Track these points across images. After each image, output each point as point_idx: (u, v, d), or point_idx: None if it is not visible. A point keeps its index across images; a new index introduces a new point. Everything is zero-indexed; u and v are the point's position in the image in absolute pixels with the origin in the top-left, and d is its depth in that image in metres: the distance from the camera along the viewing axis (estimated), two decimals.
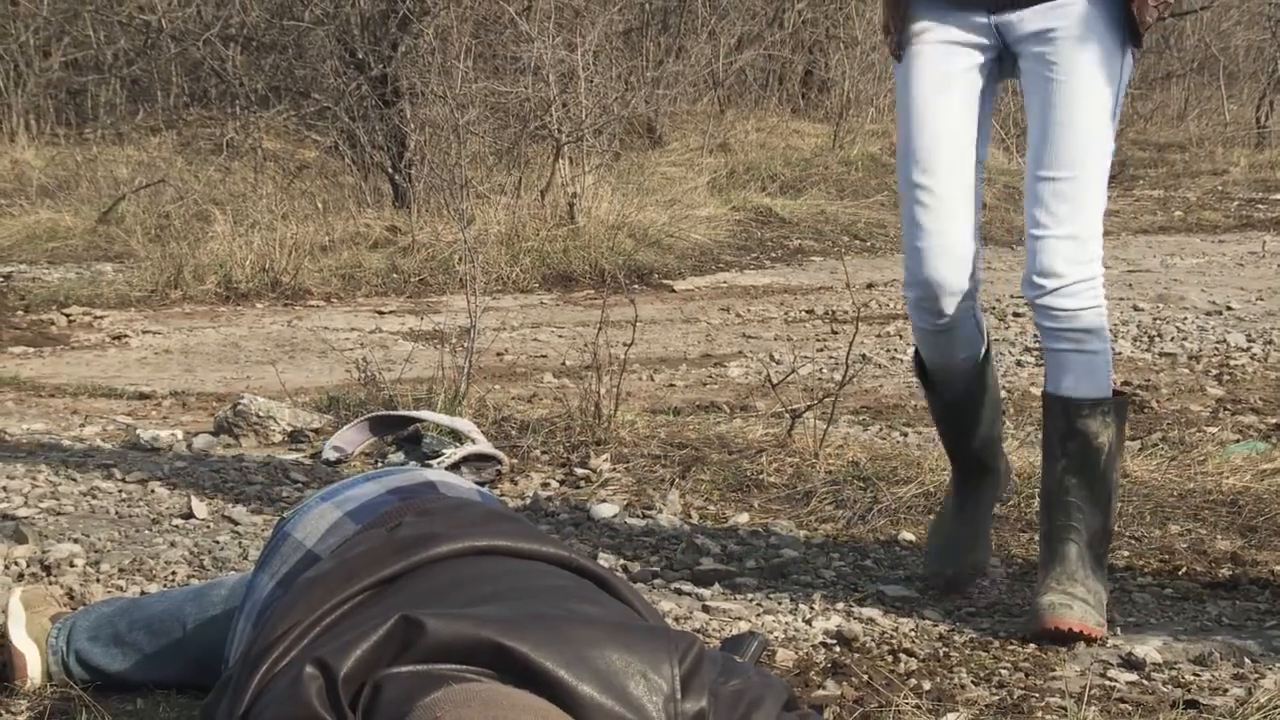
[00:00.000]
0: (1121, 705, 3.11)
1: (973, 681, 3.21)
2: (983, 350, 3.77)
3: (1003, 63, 3.63)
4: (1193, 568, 4.08)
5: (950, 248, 3.54)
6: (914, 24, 3.59)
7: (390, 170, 11.51)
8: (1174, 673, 3.32)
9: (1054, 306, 3.49)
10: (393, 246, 10.17)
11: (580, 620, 2.25)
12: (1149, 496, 4.66)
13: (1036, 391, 6.22)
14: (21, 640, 3.13)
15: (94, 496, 4.70)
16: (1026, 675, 3.29)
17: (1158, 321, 7.83)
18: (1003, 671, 3.31)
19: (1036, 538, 4.27)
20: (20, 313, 8.58)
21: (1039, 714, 3.06)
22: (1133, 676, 3.29)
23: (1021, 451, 4.97)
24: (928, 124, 3.56)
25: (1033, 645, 3.48)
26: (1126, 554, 4.19)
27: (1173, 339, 7.41)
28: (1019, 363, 6.98)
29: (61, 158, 13.20)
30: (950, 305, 3.59)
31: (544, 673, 2.10)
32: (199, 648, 3.02)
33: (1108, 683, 3.25)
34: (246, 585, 2.82)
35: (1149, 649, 3.42)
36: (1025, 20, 3.51)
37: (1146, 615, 3.74)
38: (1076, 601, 3.44)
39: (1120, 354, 7.06)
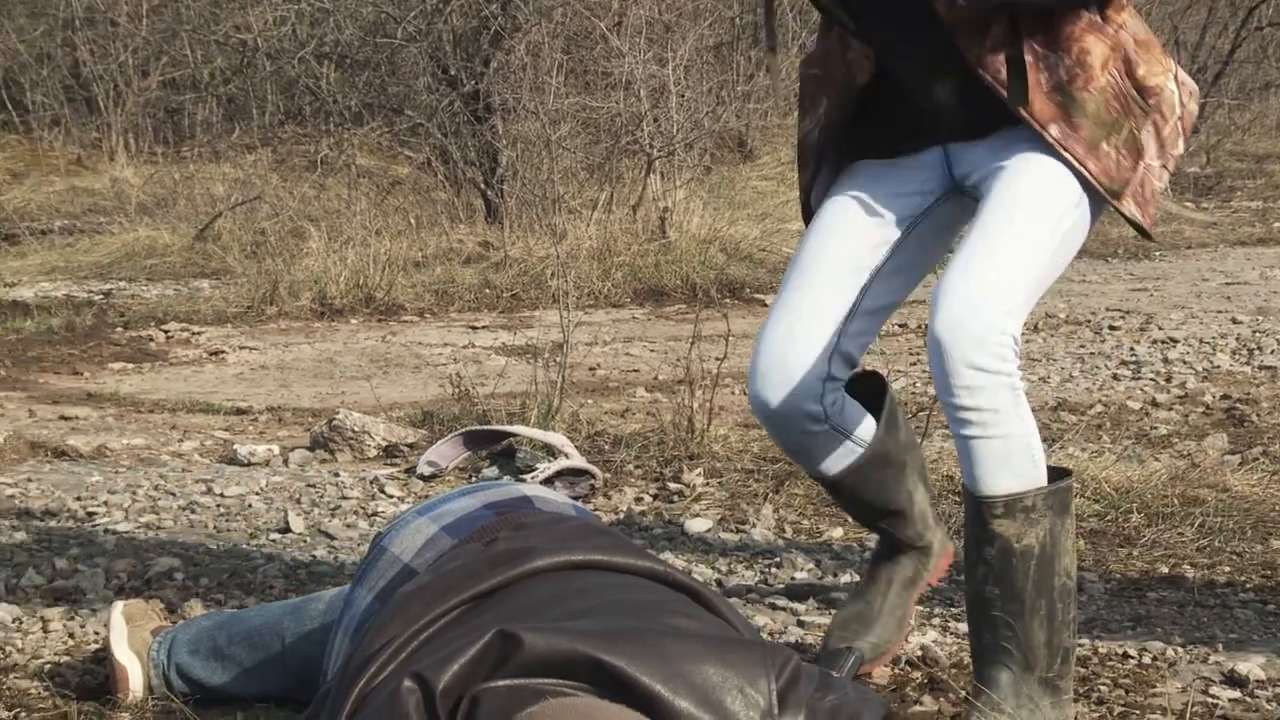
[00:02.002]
0: None
1: (1071, 698, 3.18)
2: (856, 457, 3.17)
3: (948, 203, 3.10)
4: None
5: (789, 375, 3.03)
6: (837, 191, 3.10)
7: (482, 186, 11.57)
8: (1278, 690, 3.27)
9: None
10: (485, 262, 10.22)
11: (676, 635, 2.25)
12: (1250, 511, 4.59)
13: (1135, 405, 6.16)
14: (124, 654, 3.16)
15: (192, 511, 4.75)
16: (1127, 691, 3.25)
17: (1257, 334, 7.73)
18: (1102, 687, 3.27)
19: (1134, 553, 4.24)
20: (120, 329, 8.69)
21: None
22: (1235, 694, 3.24)
23: (1119, 466, 4.92)
24: (819, 234, 3.07)
25: (1133, 660, 3.44)
26: (1228, 569, 4.13)
27: (1273, 352, 7.30)
28: (1115, 376, 6.91)
29: (159, 175, 13.37)
30: (789, 432, 3.10)
31: (641, 687, 2.10)
32: (297, 661, 3.05)
33: (1210, 700, 3.20)
34: (344, 599, 2.84)
35: (1252, 666, 3.36)
36: (979, 152, 2.97)
37: (1249, 632, 3.68)
38: None
39: (1219, 367, 6.98)
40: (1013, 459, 2.81)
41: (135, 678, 3.15)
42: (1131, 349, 7.51)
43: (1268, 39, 17.78)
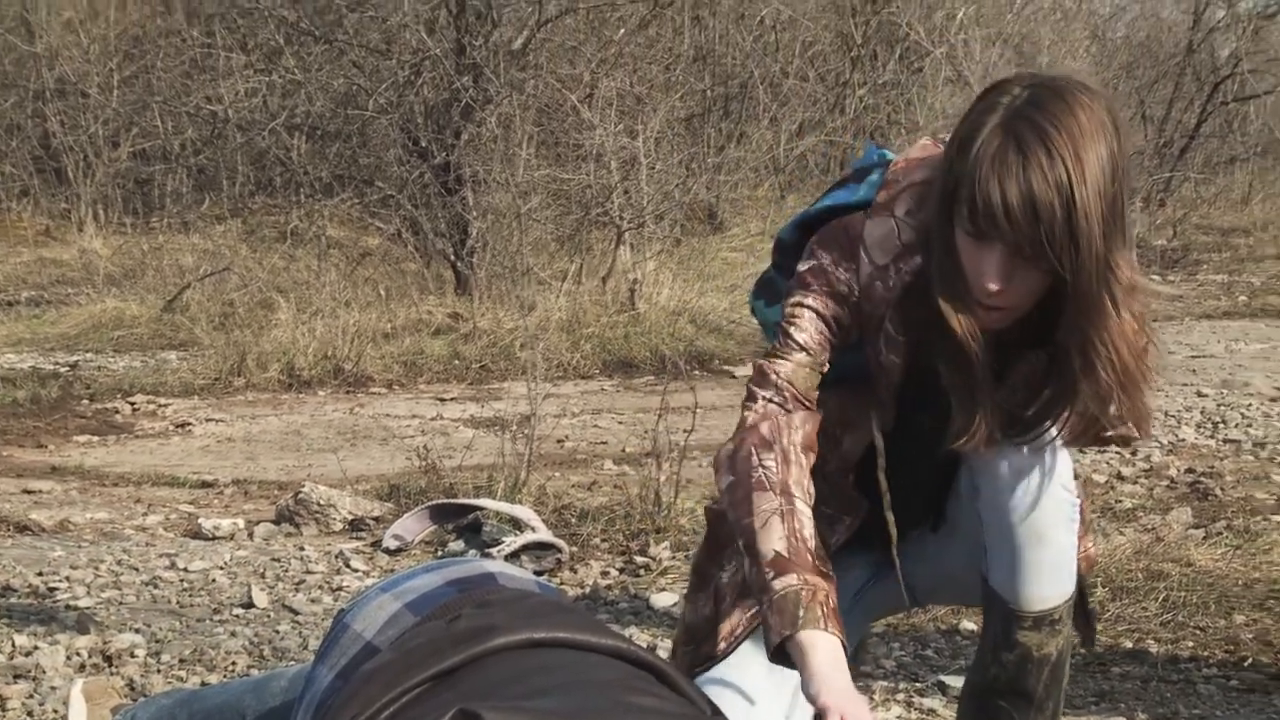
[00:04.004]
0: None
1: None
2: None
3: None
4: (1259, 659, 4.03)
5: None
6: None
7: (452, 257, 11.59)
8: None
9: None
10: (454, 333, 10.22)
11: (636, 711, 2.24)
12: (1213, 586, 4.60)
13: (1100, 479, 6.18)
14: None
15: (155, 586, 4.73)
16: None
17: (1221, 408, 7.76)
18: None
19: (1099, 627, 4.24)
20: (85, 401, 8.65)
21: None
22: None
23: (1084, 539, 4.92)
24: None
25: None
26: (1191, 644, 4.14)
27: (1237, 425, 7.34)
28: (1080, 449, 6.93)
29: (128, 246, 13.36)
30: None
31: None
32: None
33: None
34: (305, 677, 2.82)
35: None
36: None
37: (1212, 707, 3.69)
38: None
39: (1184, 440, 7.01)
40: (1059, 573, 2.77)
41: None
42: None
43: (1233, 114, 17.94)
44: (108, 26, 15.72)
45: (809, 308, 2.66)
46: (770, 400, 2.65)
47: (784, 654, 2.46)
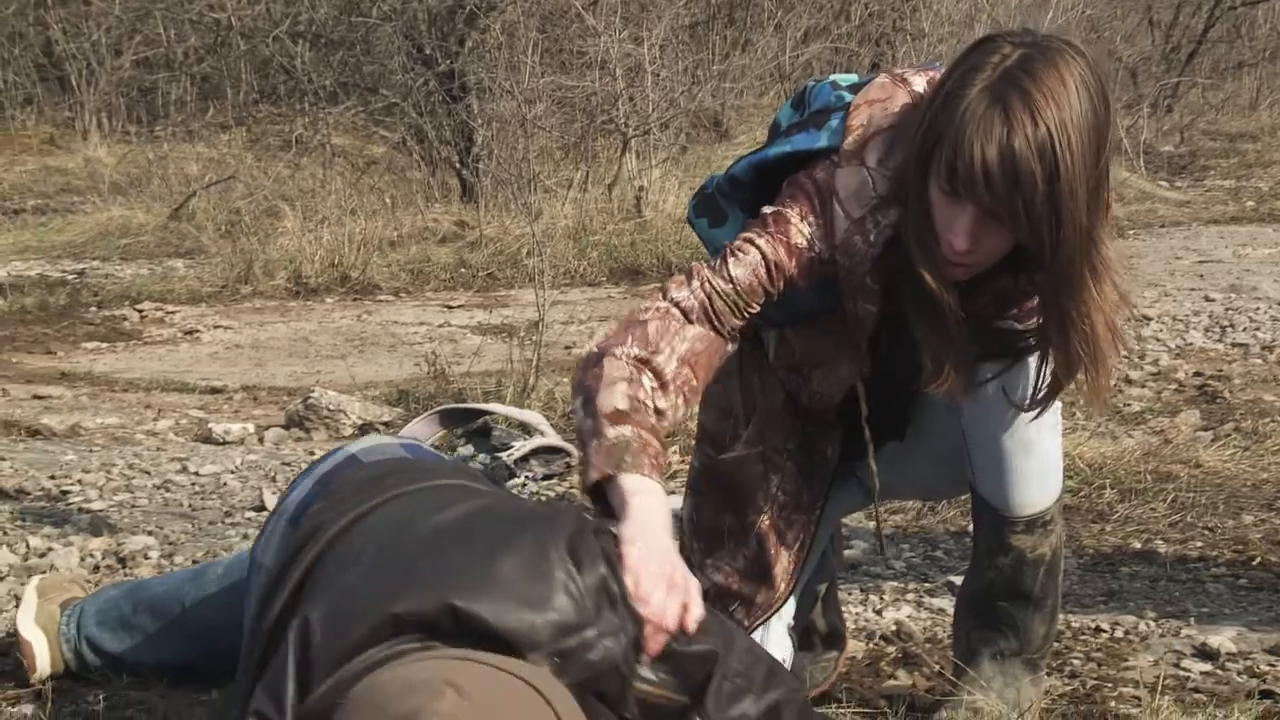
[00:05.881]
0: (1196, 695, 3.09)
1: (1045, 673, 3.19)
2: None
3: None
4: (1267, 557, 4.05)
5: None
6: None
7: (458, 165, 11.54)
8: (1249, 663, 3.29)
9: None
10: (461, 241, 10.20)
11: (432, 533, 2.24)
12: (1222, 487, 4.62)
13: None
14: (29, 629, 3.08)
15: (167, 489, 4.75)
16: (1099, 665, 3.27)
17: (1229, 312, 7.75)
18: (1075, 661, 3.30)
19: (1107, 528, 4.27)
20: (94, 309, 8.66)
21: (1112, 704, 3.04)
22: (1207, 666, 3.27)
23: (1092, 442, 4.94)
24: None
25: (1106, 634, 3.46)
26: (1200, 544, 4.16)
27: (1245, 329, 7.33)
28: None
29: (133, 155, 13.30)
30: None
31: (429, 616, 2.10)
32: (197, 624, 3.01)
33: (1181, 673, 3.23)
34: (242, 563, 2.85)
35: (1223, 639, 3.39)
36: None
37: (1220, 605, 3.71)
38: None
39: (1192, 344, 7.00)
40: (1047, 476, 2.81)
41: (40, 654, 3.06)
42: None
43: (1241, 18, 17.78)
44: None
45: (758, 249, 2.60)
46: (675, 305, 2.59)
47: (601, 497, 2.40)
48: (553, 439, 5.15)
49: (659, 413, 2.47)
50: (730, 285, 2.59)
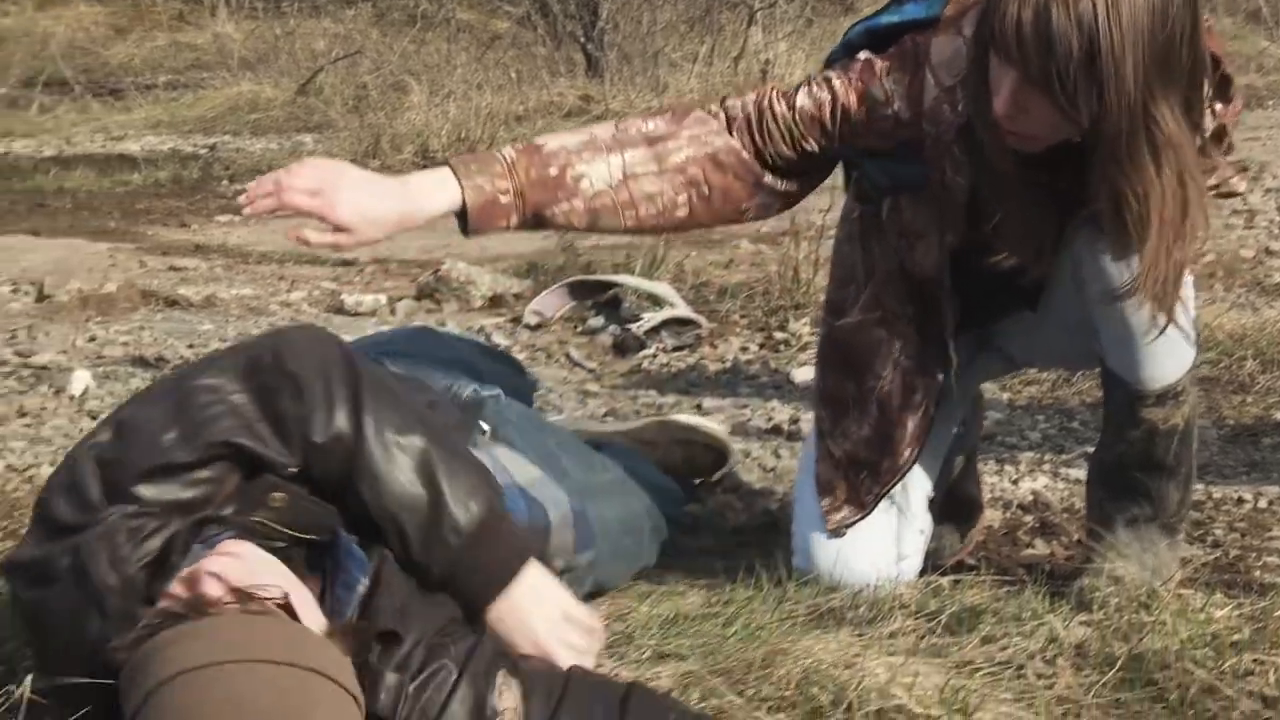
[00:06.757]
0: None
1: (1186, 541, 3.16)
2: None
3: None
4: None
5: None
6: None
7: (582, 39, 11.50)
8: None
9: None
10: (586, 116, 10.17)
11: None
12: None
13: (1248, 254, 6.06)
14: None
15: None
16: (1242, 535, 3.24)
17: None
18: (1217, 531, 3.26)
19: (1248, 399, 4.21)
20: (225, 182, 8.74)
21: (1256, 573, 3.01)
22: None
23: (1232, 314, 4.86)
24: None
25: (1248, 505, 3.42)
26: None
27: None
28: (1227, 225, 6.78)
29: (260, 31, 13.37)
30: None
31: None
32: None
33: None
34: None
35: None
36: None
37: None
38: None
39: None
40: (1178, 349, 2.70)
41: None
42: (1244, 198, 7.36)
43: None
44: None
45: (831, 88, 2.65)
46: (725, 110, 2.69)
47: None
48: (683, 310, 5.15)
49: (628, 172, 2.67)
50: (791, 112, 2.65)
